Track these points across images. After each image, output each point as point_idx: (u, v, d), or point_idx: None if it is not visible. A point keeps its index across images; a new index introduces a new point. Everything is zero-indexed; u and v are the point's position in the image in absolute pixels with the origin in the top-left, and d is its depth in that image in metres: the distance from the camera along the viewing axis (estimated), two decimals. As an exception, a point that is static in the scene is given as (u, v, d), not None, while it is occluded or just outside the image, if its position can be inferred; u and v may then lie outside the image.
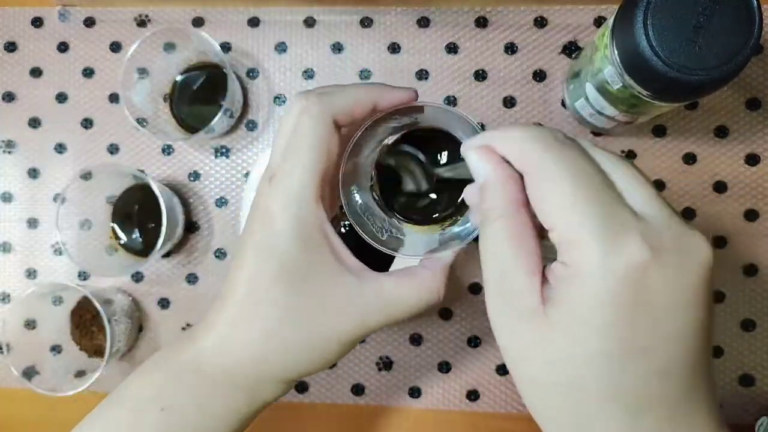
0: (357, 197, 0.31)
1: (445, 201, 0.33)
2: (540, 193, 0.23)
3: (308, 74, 0.53)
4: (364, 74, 0.53)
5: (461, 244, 0.29)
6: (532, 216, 0.24)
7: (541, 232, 0.24)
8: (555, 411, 0.24)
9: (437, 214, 0.33)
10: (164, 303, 0.54)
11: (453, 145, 0.31)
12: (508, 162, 0.25)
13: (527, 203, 0.24)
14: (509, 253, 0.23)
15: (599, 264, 0.21)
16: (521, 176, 0.24)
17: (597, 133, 0.51)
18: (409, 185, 0.33)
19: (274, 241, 0.27)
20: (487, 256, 0.24)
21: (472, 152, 0.25)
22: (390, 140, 0.32)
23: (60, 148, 0.55)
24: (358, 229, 0.29)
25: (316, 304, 0.28)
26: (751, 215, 0.50)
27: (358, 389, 0.52)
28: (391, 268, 0.41)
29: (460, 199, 0.32)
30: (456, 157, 0.31)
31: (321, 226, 0.28)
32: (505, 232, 0.24)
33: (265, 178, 0.29)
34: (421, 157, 0.33)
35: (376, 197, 0.32)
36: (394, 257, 0.45)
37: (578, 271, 0.22)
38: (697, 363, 0.23)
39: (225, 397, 0.29)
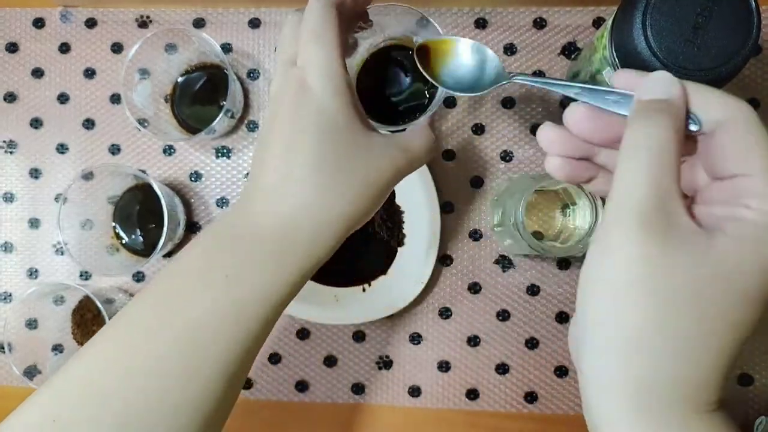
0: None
1: (411, 102, 0.41)
2: (743, 143, 0.24)
3: (309, 75, 0.53)
4: (365, 75, 0.53)
5: (429, 112, 0.39)
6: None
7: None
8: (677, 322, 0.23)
9: (404, 115, 0.41)
10: (165, 303, 0.54)
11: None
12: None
13: None
14: (674, 147, 0.24)
15: None
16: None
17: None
18: (388, 90, 0.41)
19: (311, 101, 0.29)
20: (646, 143, 0.24)
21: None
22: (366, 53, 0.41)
23: (61, 148, 0.55)
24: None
25: (357, 154, 0.30)
26: (749, 215, 0.50)
27: (357, 388, 0.52)
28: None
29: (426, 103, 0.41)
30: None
31: (351, 88, 0.31)
32: (671, 127, 0.24)
33: (283, 68, 0.31)
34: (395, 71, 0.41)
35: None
36: None
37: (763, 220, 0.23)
38: None
39: (284, 255, 0.29)
